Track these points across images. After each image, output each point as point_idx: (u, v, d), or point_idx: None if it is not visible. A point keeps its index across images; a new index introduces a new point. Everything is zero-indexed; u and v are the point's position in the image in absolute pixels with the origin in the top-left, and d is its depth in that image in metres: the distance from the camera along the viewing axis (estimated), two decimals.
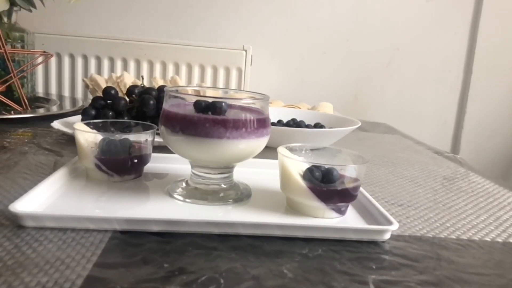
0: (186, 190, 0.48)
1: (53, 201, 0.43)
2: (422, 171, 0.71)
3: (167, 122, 0.45)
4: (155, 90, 0.79)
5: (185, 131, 0.43)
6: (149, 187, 0.50)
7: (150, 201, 0.45)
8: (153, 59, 1.27)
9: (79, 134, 0.50)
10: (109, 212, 0.41)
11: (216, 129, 0.42)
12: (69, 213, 0.39)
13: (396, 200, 0.54)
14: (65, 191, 0.46)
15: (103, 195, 0.46)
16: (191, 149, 0.45)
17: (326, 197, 0.43)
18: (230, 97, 0.52)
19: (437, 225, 0.46)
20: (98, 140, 0.50)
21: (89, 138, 0.50)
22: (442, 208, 0.52)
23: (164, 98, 0.46)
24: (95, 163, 0.49)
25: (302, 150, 0.51)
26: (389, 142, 0.95)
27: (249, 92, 0.51)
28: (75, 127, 0.50)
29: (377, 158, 0.78)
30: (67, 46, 1.24)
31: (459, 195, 0.59)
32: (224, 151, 0.44)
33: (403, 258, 0.38)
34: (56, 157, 0.61)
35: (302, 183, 0.43)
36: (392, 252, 0.39)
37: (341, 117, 0.93)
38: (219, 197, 0.46)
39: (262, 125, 0.45)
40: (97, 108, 0.75)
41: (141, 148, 0.52)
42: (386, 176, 0.66)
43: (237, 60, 1.28)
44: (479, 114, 1.52)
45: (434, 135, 1.54)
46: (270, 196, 0.49)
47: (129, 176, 0.51)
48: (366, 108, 1.50)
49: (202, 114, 0.43)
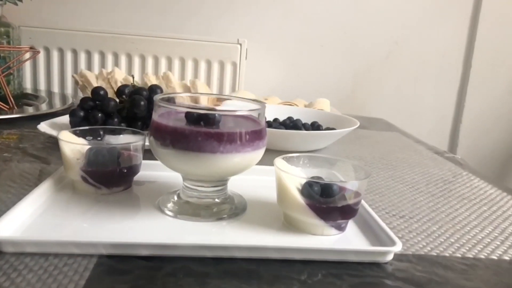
0: (177, 204, 0.45)
1: (35, 220, 0.40)
2: (422, 174, 0.69)
3: (157, 134, 0.42)
4: (146, 90, 0.76)
5: (175, 145, 0.40)
6: (139, 200, 0.48)
7: (139, 218, 0.43)
8: (145, 54, 1.23)
9: (63, 144, 0.47)
10: (96, 234, 0.39)
11: (209, 143, 0.40)
12: (52, 236, 0.37)
13: (397, 211, 0.52)
14: (49, 206, 0.44)
15: (89, 210, 0.44)
16: (182, 164, 0.42)
17: (326, 214, 0.41)
18: (223, 108, 0.49)
19: (441, 240, 0.44)
20: (84, 150, 0.47)
21: (74, 148, 0.47)
22: (445, 220, 0.50)
23: (154, 107, 0.43)
24: (81, 175, 0.47)
25: (300, 159, 0.48)
26: (387, 141, 0.92)
27: (244, 100, 0.49)
28: (59, 137, 0.48)
29: (376, 159, 0.76)
30: (55, 40, 1.20)
31: (462, 203, 0.57)
32: (217, 165, 0.41)
33: (407, 282, 0.36)
34: (42, 164, 0.58)
35: (300, 199, 0.41)
36: (395, 276, 0.37)
37: (339, 116, 0.90)
38: (212, 213, 0.44)
39: (258, 137, 0.43)
40: (85, 109, 0.72)
41: (130, 158, 0.49)
42: (386, 181, 0.63)
43: (231, 54, 1.25)
44: (478, 108, 1.50)
45: (433, 129, 1.52)
46: (266, 209, 0.47)
47: (117, 188, 0.49)
48: (364, 103, 1.48)
49: (194, 126, 0.41)
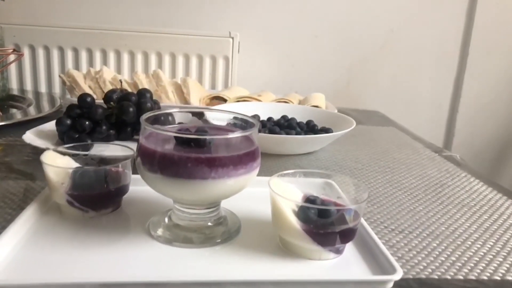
0: (168, 228, 0.43)
1: (17, 254, 0.38)
2: (420, 178, 0.67)
3: (144, 159, 0.40)
4: (134, 95, 0.74)
5: (164, 171, 0.38)
6: (129, 223, 0.46)
7: (128, 246, 0.41)
8: (134, 50, 1.19)
9: (47, 167, 0.45)
10: (82, 271, 0.36)
11: (200, 168, 0.38)
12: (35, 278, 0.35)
13: (396, 224, 0.50)
14: (34, 234, 0.42)
15: (76, 237, 0.42)
16: (172, 190, 0.40)
17: (323, 240, 0.39)
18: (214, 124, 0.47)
19: (442, 259, 0.43)
20: (69, 173, 0.45)
21: (59, 171, 0.45)
22: (445, 233, 0.49)
23: (141, 128, 0.41)
24: (66, 199, 0.45)
25: (295, 176, 0.46)
26: (384, 138, 0.91)
27: (237, 114, 0.46)
28: (42, 160, 0.45)
29: (373, 161, 0.74)
30: (40, 38, 1.16)
31: (462, 211, 0.55)
32: (209, 191, 0.39)
33: None
34: (27, 181, 0.56)
35: (296, 224, 0.39)
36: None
37: (334, 114, 0.88)
38: (205, 237, 0.42)
39: (251, 158, 0.41)
40: (72, 117, 0.70)
41: (119, 177, 0.47)
42: (384, 187, 0.62)
43: (223, 48, 1.21)
44: (474, 97, 1.48)
45: (429, 119, 1.50)
46: (261, 228, 0.45)
47: (106, 210, 0.47)
48: (359, 94, 1.45)
49: (184, 151, 0.38)
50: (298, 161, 0.72)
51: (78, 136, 0.68)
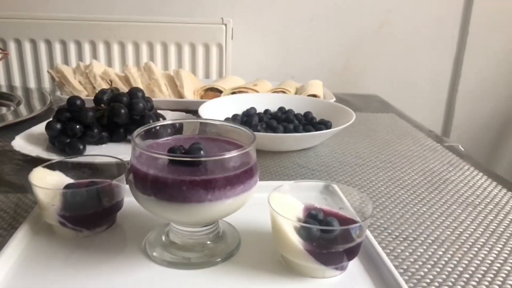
0: (165, 248, 0.42)
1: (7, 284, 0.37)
2: (423, 173, 0.65)
3: (136, 181, 0.38)
4: (126, 95, 0.71)
5: (157, 195, 0.36)
6: (124, 242, 0.44)
7: (124, 270, 0.39)
8: (124, 40, 1.15)
9: (36, 188, 0.43)
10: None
11: (195, 192, 0.36)
12: None
13: (400, 229, 0.49)
14: (25, 259, 0.40)
15: (69, 261, 0.40)
16: (166, 213, 0.38)
17: (327, 260, 0.37)
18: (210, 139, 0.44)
19: (448, 270, 0.42)
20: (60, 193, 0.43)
21: (48, 192, 0.43)
22: (451, 238, 0.47)
23: (131, 147, 0.39)
24: (58, 220, 0.43)
25: (296, 187, 0.44)
26: (384, 128, 0.89)
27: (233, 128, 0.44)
28: (31, 180, 0.43)
29: (374, 155, 0.73)
30: (26, 31, 1.11)
31: (466, 211, 0.54)
32: (205, 214, 0.37)
33: None
34: (18, 195, 0.54)
35: (298, 245, 0.37)
36: None
37: (333, 105, 0.86)
38: (205, 256, 0.41)
39: (249, 175, 0.39)
40: (62, 121, 0.67)
41: (112, 194, 0.45)
42: (386, 186, 0.60)
43: (216, 35, 1.17)
44: (474, 76, 1.45)
45: (428, 101, 1.47)
46: (261, 242, 0.43)
47: (100, 228, 0.45)
48: (357, 77, 1.42)
49: (177, 171, 0.36)
50: (297, 158, 0.70)
51: (69, 140, 0.66)
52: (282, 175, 0.63)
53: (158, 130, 0.45)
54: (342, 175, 0.64)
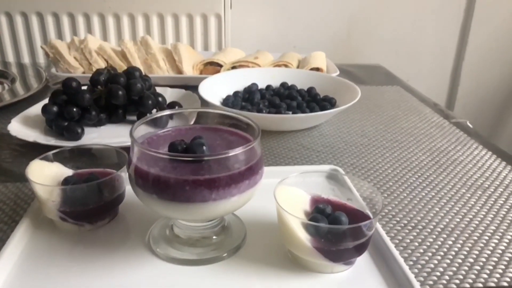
0: (169, 242, 0.41)
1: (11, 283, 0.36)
2: (431, 153, 0.64)
3: (137, 179, 0.36)
4: (123, 76, 0.68)
5: (159, 195, 0.35)
6: (128, 236, 0.43)
7: (129, 267, 0.38)
8: (119, 12, 1.10)
9: (34, 185, 0.41)
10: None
11: (199, 191, 0.34)
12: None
13: (408, 217, 0.48)
14: (27, 257, 0.39)
15: (71, 256, 0.40)
16: (169, 212, 0.37)
17: (336, 257, 0.37)
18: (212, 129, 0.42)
19: (459, 261, 0.41)
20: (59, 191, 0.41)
21: (47, 188, 0.42)
22: (460, 226, 0.46)
23: (131, 144, 0.37)
24: (59, 216, 0.42)
25: (303, 178, 0.43)
26: (390, 103, 0.86)
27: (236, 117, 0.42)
28: (28, 176, 0.42)
29: (380, 133, 0.71)
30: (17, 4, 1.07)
31: (476, 195, 0.53)
32: (209, 213, 0.36)
33: None
34: (17, 184, 0.53)
35: (306, 242, 0.36)
36: None
37: (337, 80, 0.83)
38: (210, 251, 0.40)
39: (254, 171, 0.37)
40: (59, 104, 0.65)
41: (114, 187, 0.44)
42: (393, 168, 0.59)
43: (214, 5, 1.12)
44: (481, 43, 1.40)
45: (433, 69, 1.43)
46: (267, 234, 0.42)
47: (103, 221, 0.44)
48: (360, 46, 1.37)
49: (179, 169, 0.35)
50: (301, 138, 0.68)
51: (67, 124, 0.64)
52: (286, 158, 0.61)
53: (157, 120, 0.43)
54: (348, 157, 0.62)
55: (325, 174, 0.45)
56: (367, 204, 0.42)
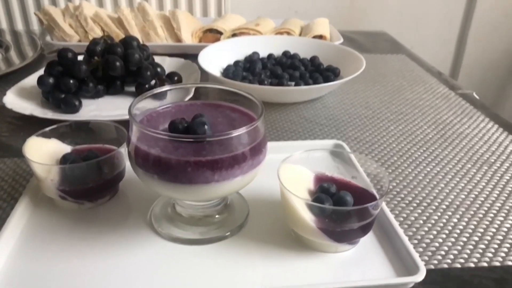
0: (172, 221, 0.40)
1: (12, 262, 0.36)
2: (436, 126, 0.63)
3: (137, 159, 0.35)
4: (120, 46, 0.66)
5: (161, 176, 0.34)
6: (129, 214, 0.42)
7: (131, 247, 0.38)
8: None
9: (32, 164, 0.40)
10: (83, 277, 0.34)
11: (201, 173, 0.33)
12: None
13: (413, 194, 0.47)
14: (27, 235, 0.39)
15: (72, 235, 0.39)
16: (171, 193, 0.36)
17: (340, 237, 0.36)
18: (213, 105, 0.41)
19: (463, 239, 0.40)
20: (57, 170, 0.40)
21: (46, 167, 0.40)
22: (466, 204, 0.46)
23: (129, 123, 0.36)
24: (58, 195, 0.41)
25: (308, 155, 0.42)
26: (395, 73, 0.84)
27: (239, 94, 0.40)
28: (26, 154, 0.41)
29: (384, 105, 0.69)
30: None
31: (482, 170, 0.52)
32: (212, 194, 0.35)
33: None
34: (14, 160, 0.52)
35: (310, 223, 0.36)
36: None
37: (341, 49, 0.80)
38: (212, 231, 0.39)
39: (258, 151, 0.36)
40: (55, 76, 0.63)
41: (114, 165, 0.43)
42: (398, 142, 0.58)
43: None
44: (489, 10, 1.35)
45: (439, 35, 1.39)
46: (270, 214, 0.42)
47: (103, 199, 0.43)
48: (364, 12, 1.33)
49: (181, 149, 0.33)
50: (304, 111, 0.66)
51: (64, 96, 0.62)
52: (289, 132, 0.60)
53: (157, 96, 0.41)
54: (352, 130, 0.61)
55: (329, 151, 0.44)
56: (371, 181, 0.41)
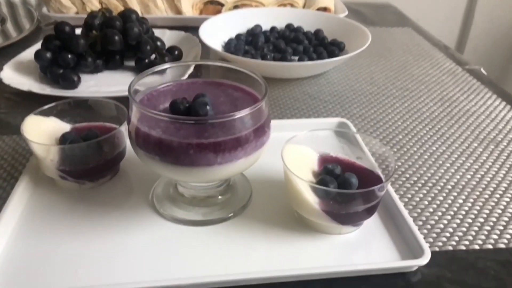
0: (174, 202, 0.40)
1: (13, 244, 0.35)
2: (442, 103, 0.61)
3: (138, 140, 0.34)
4: (119, 19, 0.64)
5: (162, 158, 0.33)
6: (130, 194, 0.42)
7: (132, 225, 0.38)
8: None
9: (31, 144, 0.39)
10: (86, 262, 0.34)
11: (204, 155, 0.32)
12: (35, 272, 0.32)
13: (418, 173, 0.46)
14: (28, 215, 0.39)
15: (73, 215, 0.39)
16: (173, 175, 0.35)
17: (344, 219, 0.36)
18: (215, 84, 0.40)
19: (469, 220, 0.40)
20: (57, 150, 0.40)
21: (45, 147, 0.40)
22: (471, 184, 0.45)
23: (129, 102, 0.35)
24: (59, 175, 0.40)
25: (312, 135, 0.41)
26: (400, 46, 0.82)
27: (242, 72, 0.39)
28: (24, 133, 0.40)
29: (389, 80, 0.68)
30: None
31: (488, 149, 0.51)
32: (215, 176, 0.35)
33: None
34: (13, 137, 0.51)
35: (315, 205, 0.35)
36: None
37: (346, 22, 0.78)
38: (215, 211, 0.39)
39: (262, 132, 0.35)
40: (52, 50, 0.62)
41: (114, 145, 0.42)
42: (403, 119, 0.57)
43: None
44: None
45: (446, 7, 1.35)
46: (273, 195, 0.41)
47: (104, 179, 0.43)
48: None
49: (182, 133, 0.33)
50: (307, 87, 0.65)
51: (62, 71, 0.61)
52: (292, 109, 0.59)
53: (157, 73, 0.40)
54: (357, 107, 0.60)
55: (334, 131, 0.43)
56: (377, 161, 0.41)
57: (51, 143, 0.42)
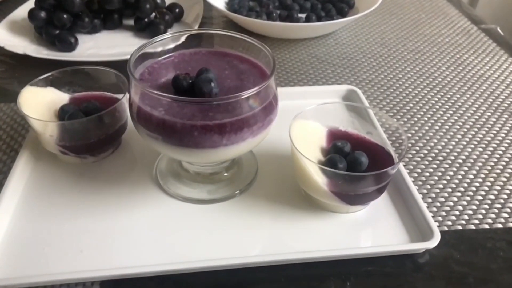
0: (178, 178, 0.39)
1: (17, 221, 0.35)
2: (455, 67, 0.59)
3: (139, 119, 0.33)
4: None
5: (166, 140, 0.32)
6: (133, 168, 0.41)
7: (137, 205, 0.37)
8: None
9: (29, 119, 0.38)
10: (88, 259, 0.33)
11: (209, 137, 0.31)
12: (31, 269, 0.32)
13: (428, 146, 0.45)
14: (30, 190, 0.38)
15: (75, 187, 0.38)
16: (177, 155, 0.34)
17: (353, 200, 0.35)
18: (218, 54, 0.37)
19: (479, 198, 0.39)
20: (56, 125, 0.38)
21: (44, 123, 0.38)
22: (483, 158, 0.44)
23: (129, 79, 0.33)
24: (59, 150, 0.39)
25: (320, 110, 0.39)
26: (412, 3, 0.77)
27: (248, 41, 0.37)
28: (21, 108, 0.38)
29: (400, 41, 0.65)
30: None
31: (502, 119, 0.49)
32: (220, 157, 0.33)
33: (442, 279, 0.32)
34: (11, 105, 0.49)
35: (323, 186, 0.34)
36: (432, 274, 0.33)
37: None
38: (220, 189, 0.38)
39: (268, 111, 0.33)
40: (46, 9, 0.58)
41: (115, 119, 0.40)
42: (414, 85, 0.55)
43: None
44: None
45: None
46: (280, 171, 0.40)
47: (106, 153, 0.42)
48: None
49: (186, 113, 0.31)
50: (315, 48, 0.62)
51: (58, 32, 0.58)
52: (299, 74, 0.56)
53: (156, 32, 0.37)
54: (366, 71, 0.57)
55: (344, 104, 0.41)
56: (389, 138, 0.39)
57: (49, 116, 0.40)
